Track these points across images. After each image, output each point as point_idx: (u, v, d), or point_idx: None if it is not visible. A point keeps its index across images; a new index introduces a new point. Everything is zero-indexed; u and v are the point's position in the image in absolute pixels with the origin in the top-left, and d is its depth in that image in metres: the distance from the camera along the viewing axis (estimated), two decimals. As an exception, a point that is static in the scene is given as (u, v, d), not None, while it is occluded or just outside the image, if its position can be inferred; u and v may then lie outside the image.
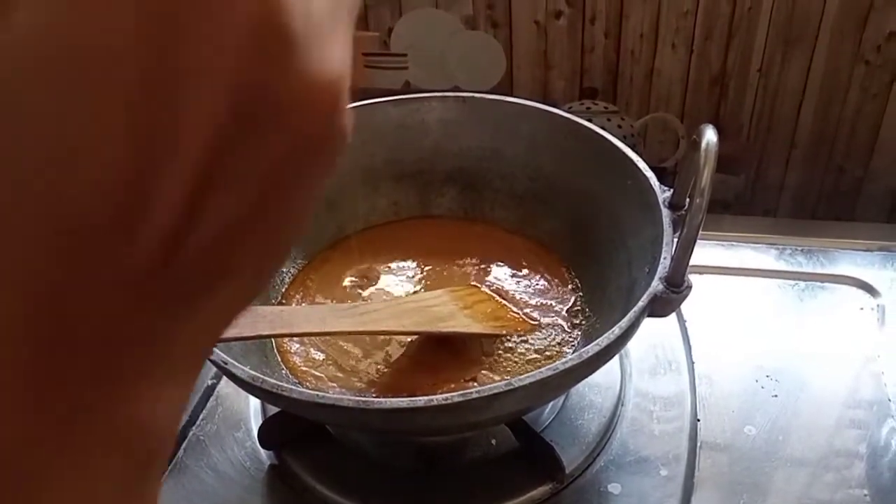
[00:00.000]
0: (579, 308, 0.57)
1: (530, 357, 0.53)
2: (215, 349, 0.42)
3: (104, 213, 0.12)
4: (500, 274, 0.60)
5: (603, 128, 0.57)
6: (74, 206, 0.12)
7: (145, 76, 0.12)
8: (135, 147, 0.12)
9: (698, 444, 0.53)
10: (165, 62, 0.12)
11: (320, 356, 0.53)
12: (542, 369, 0.40)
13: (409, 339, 0.54)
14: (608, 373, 0.57)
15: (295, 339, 0.54)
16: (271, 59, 0.13)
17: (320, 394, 0.41)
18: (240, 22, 0.12)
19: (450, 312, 0.53)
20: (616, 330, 0.41)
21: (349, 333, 0.52)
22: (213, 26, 0.12)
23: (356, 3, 0.15)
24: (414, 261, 0.62)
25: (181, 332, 0.15)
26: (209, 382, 0.60)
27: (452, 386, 0.50)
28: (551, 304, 0.57)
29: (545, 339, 0.54)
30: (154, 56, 0.12)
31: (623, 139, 0.56)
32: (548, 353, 0.53)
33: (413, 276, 0.60)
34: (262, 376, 0.41)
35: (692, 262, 0.43)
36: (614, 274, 0.54)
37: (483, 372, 0.51)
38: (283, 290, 0.59)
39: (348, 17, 0.15)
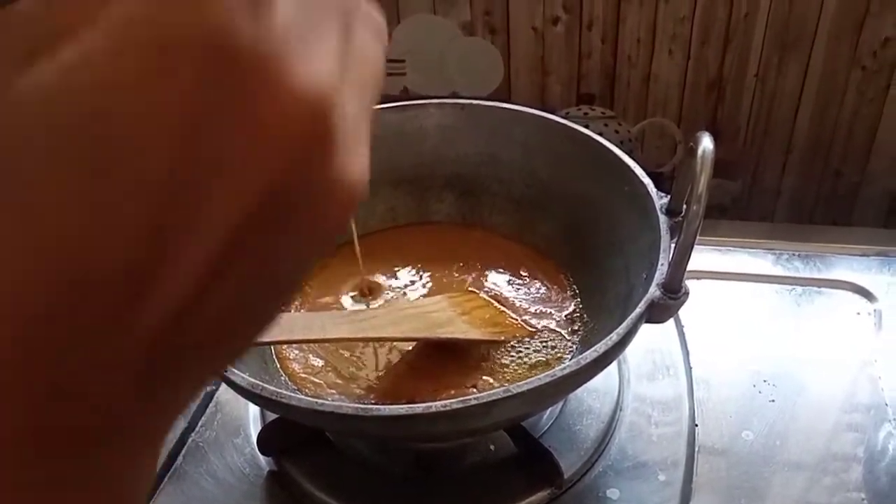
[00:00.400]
0: (577, 314, 0.57)
1: (528, 363, 0.53)
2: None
3: (109, 288, 0.12)
4: (499, 280, 0.60)
5: (600, 133, 0.57)
6: (80, 267, 0.12)
7: (179, 158, 0.12)
8: (152, 229, 0.12)
9: (696, 449, 0.53)
10: (204, 151, 0.12)
11: (319, 363, 0.53)
12: (540, 376, 0.40)
13: (408, 346, 0.54)
14: (606, 378, 0.57)
15: (294, 345, 0.54)
16: (314, 159, 0.13)
17: (319, 401, 0.41)
18: (288, 123, 0.12)
19: (448, 318, 0.53)
20: (614, 336, 0.42)
21: (348, 340, 0.52)
22: (260, 126, 0.12)
23: (375, 102, 0.16)
24: (412, 267, 0.62)
25: (160, 402, 0.14)
26: (208, 389, 0.60)
27: (452, 392, 0.50)
28: (549, 311, 0.57)
29: (543, 345, 0.54)
30: (195, 143, 0.12)
31: (620, 144, 0.57)
32: (546, 360, 0.53)
33: (411, 282, 0.60)
34: (261, 383, 0.41)
35: (689, 267, 0.44)
36: (612, 280, 0.54)
37: (482, 378, 0.52)
38: (282, 296, 0.59)
39: (370, 117, 0.15)
